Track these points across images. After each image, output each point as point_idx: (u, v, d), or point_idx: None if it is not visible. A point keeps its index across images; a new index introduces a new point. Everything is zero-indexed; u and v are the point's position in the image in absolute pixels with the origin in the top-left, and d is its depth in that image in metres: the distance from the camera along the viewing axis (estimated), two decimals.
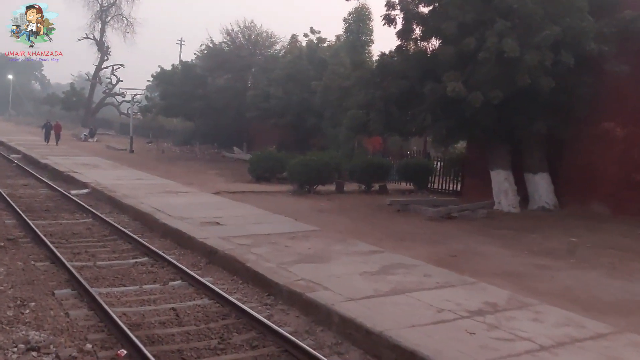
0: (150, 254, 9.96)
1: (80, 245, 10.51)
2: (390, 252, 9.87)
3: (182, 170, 24.21)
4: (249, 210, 14.04)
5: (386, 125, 15.18)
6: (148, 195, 15.61)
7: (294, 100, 25.43)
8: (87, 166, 23.60)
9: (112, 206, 14.84)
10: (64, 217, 13.25)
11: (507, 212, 15.05)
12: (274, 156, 20.89)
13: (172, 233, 11.31)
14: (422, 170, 20.21)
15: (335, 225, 12.41)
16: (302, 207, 15.20)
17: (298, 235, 10.98)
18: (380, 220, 13.55)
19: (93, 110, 58.29)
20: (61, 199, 15.83)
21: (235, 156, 31.76)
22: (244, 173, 24.06)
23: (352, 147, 23.24)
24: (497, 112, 13.62)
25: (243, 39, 33.66)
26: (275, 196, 17.34)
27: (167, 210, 13.13)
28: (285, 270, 8.27)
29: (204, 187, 18.30)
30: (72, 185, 18.61)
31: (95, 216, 13.32)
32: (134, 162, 26.84)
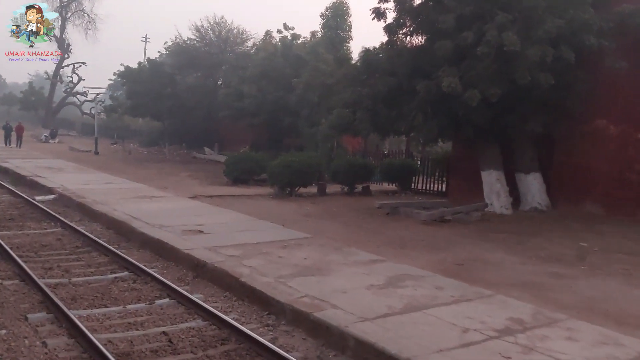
0: (130, 267, 9.15)
1: (52, 258, 9.62)
2: (392, 261, 9.28)
3: (153, 173, 23.26)
4: (232, 216, 13.29)
5: (373, 124, 14.60)
6: (121, 201, 14.71)
7: (269, 99, 24.68)
8: (51, 169, 22.43)
9: (82, 213, 13.89)
10: (30, 227, 12.28)
11: (499, 214, 14.64)
12: (252, 157, 20.15)
13: (151, 243, 10.50)
14: (406, 171, 19.73)
15: (327, 232, 11.77)
16: (286, 212, 14.51)
17: (290, 244, 10.30)
18: (373, 225, 12.97)
19: (54, 110, 56.42)
20: (26, 206, 14.80)
21: (207, 157, 30.84)
22: (218, 175, 23.25)
23: (331, 147, 22.63)
24: (490, 110, 13.17)
25: (213, 35, 32.70)
26: (256, 200, 16.62)
27: (143, 218, 12.29)
28: (285, 286, 7.59)
29: (179, 191, 17.45)
30: (36, 191, 17.52)
31: (65, 225, 12.38)
32: (100, 165, 25.72)
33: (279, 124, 25.37)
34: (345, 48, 22.94)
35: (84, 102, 54.66)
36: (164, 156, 32.40)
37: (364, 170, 18.74)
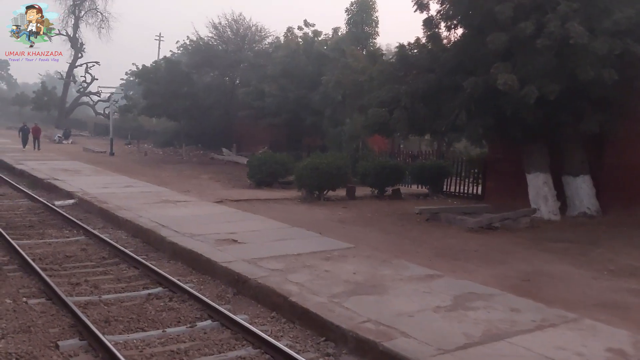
0: (163, 282, 8.44)
1: (78, 272, 8.94)
2: (449, 276, 8.50)
3: (172, 175, 22.59)
4: (264, 223, 12.56)
5: (411, 124, 13.80)
6: (144, 207, 14.03)
7: (291, 98, 23.93)
8: (68, 172, 21.86)
9: (105, 220, 13.23)
10: (51, 235, 11.63)
11: (547, 220, 13.79)
12: (276, 159, 19.40)
13: (183, 254, 9.79)
14: (438, 173, 18.91)
15: (368, 241, 11.00)
16: (319, 218, 13.77)
17: (333, 255, 9.54)
18: (415, 232, 12.18)
19: (67, 110, 55.98)
20: (45, 212, 14.17)
21: (225, 158, 30.14)
22: (240, 177, 22.57)
23: (356, 147, 21.85)
24: (542, 108, 12.32)
25: (231, 33, 31.96)
26: (285, 204, 15.87)
27: (171, 225, 11.59)
28: (341, 307, 6.83)
29: (203, 195, 16.75)
30: (54, 195, 16.91)
31: (88, 233, 11.72)
32: (117, 167, 25.10)
33: (301, 124, 24.62)
34: (371, 44, 22.15)
35: (98, 102, 54.20)
36: (180, 157, 31.73)
37: (395, 172, 17.94)
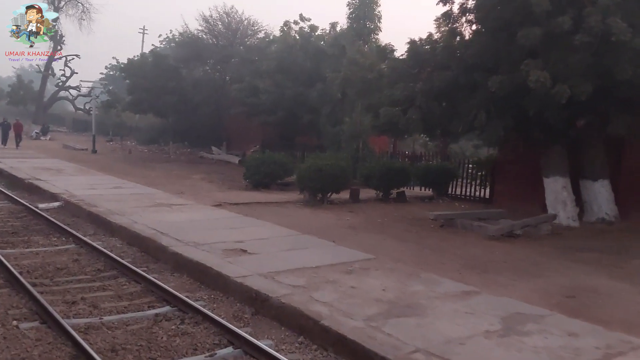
0: (170, 299, 7.64)
1: (72, 287, 8.11)
2: (486, 292, 7.83)
3: (162, 175, 21.69)
4: (271, 229, 11.78)
5: (425, 124, 13.13)
6: (138, 210, 13.18)
7: (287, 95, 23.13)
8: (50, 171, 20.83)
9: (95, 226, 12.35)
10: (38, 243, 10.74)
11: (566, 226, 13.23)
12: (275, 160, 18.62)
13: (189, 266, 8.99)
14: (444, 175, 18.27)
15: (387, 250, 10.30)
16: (327, 223, 13.05)
17: (355, 268, 8.82)
18: (433, 240, 11.51)
19: (45, 105, 54.49)
20: (28, 216, 13.24)
21: (216, 157, 29.26)
22: (233, 177, 21.76)
23: (357, 148, 21.15)
24: (566, 109, 11.72)
25: (222, 26, 31.02)
26: (287, 208, 15.12)
27: (171, 232, 10.77)
28: (382, 332, 6.11)
29: (199, 198, 15.92)
30: (37, 197, 15.95)
31: (79, 240, 10.85)
32: (102, 165, 24.11)
33: (297, 122, 23.84)
34: (373, 40, 21.42)
35: (77, 96, 52.80)
36: (167, 156, 30.76)
37: (401, 174, 17.26)
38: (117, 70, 63.00)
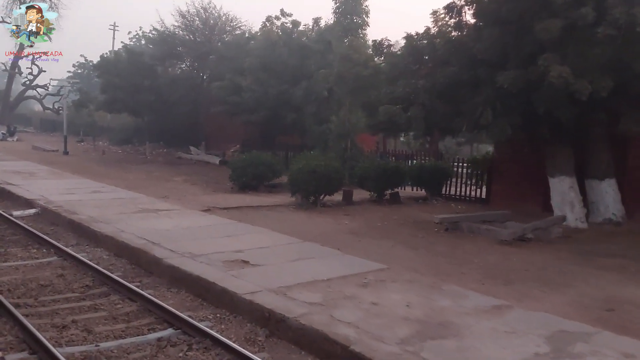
0: (172, 320, 6.89)
1: (60, 308, 7.29)
2: (519, 306, 7.26)
3: (141, 178, 20.74)
4: (269, 236, 11.07)
5: (427, 122, 12.54)
6: (123, 217, 12.33)
7: (271, 93, 22.35)
8: (21, 174, 19.72)
9: (77, 235, 11.47)
10: (16, 256, 9.85)
11: (574, 228, 12.78)
12: (263, 160, 17.86)
13: (187, 280, 8.23)
14: (438, 175, 17.74)
15: (398, 259, 9.68)
16: (325, 228, 12.38)
17: (370, 280, 8.17)
18: (443, 247, 10.92)
19: (11, 105, 52.63)
20: (3, 225, 12.28)
21: (194, 157, 28.32)
22: (216, 179, 20.95)
23: (345, 147, 20.49)
24: (577, 106, 11.24)
25: (200, 22, 30.04)
26: (280, 212, 14.40)
27: (163, 242, 9.98)
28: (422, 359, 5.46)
29: (185, 202, 15.09)
30: (10, 203, 14.95)
31: (61, 252, 10.01)
32: (75, 168, 23.01)
33: (281, 121, 23.09)
34: (361, 35, 20.77)
35: (46, 95, 51.10)
36: (144, 156, 29.67)
37: (396, 175, 16.65)
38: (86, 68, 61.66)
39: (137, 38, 61.00)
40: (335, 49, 21.47)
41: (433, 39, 13.59)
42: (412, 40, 13.63)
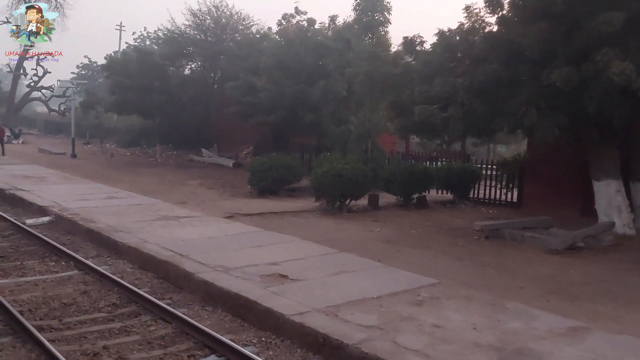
0: (213, 345, 6.27)
1: (88, 331, 6.65)
2: (598, 329, 6.57)
3: (155, 182, 20.08)
4: (301, 246, 10.41)
5: (466, 122, 11.85)
6: (143, 226, 11.68)
7: (288, 93, 21.67)
8: (31, 179, 19.11)
9: (97, 245, 10.83)
10: (34, 269, 9.23)
11: (622, 235, 12.08)
12: (284, 163, 17.19)
13: (224, 298, 7.58)
14: (467, 178, 17.05)
15: (446, 271, 9.01)
16: (359, 237, 11.72)
17: (424, 297, 7.50)
18: (488, 257, 10.25)
19: (16, 106, 52.08)
20: (16, 234, 11.67)
21: (207, 160, 27.64)
22: (232, 182, 20.30)
23: (365, 149, 19.82)
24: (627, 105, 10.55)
25: (211, 21, 29.37)
26: (306, 218, 13.75)
27: (192, 254, 9.33)
28: None
29: (205, 208, 14.44)
30: (22, 210, 14.35)
31: (81, 264, 9.39)
32: (85, 171, 22.38)
33: (298, 122, 22.39)
34: (382, 32, 20.06)
35: (51, 97, 50.52)
36: (154, 159, 29.03)
37: (424, 178, 15.96)
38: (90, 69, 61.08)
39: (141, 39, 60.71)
40: (355, 47, 20.80)
41: (467, 35, 12.91)
42: (446, 37, 12.95)
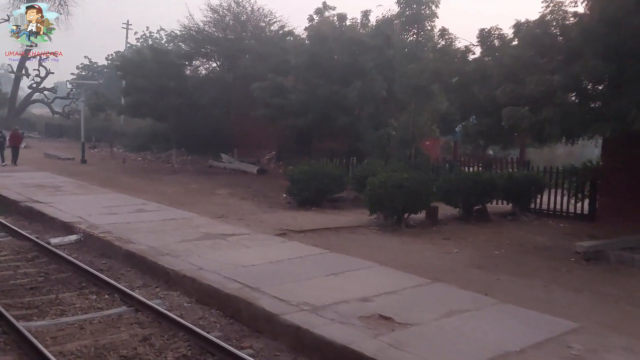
0: None
1: None
2: None
3: (181, 191, 18.60)
4: (383, 274, 8.95)
5: (563, 125, 10.39)
6: (189, 247, 10.24)
7: (321, 94, 20.23)
8: (45, 189, 17.66)
9: (139, 271, 9.40)
10: (74, 305, 7.78)
11: None
12: (328, 172, 15.73)
13: (323, 350, 6.13)
14: (530, 187, 15.60)
15: (576, 309, 7.60)
16: (437, 260, 10.31)
17: (578, 351, 6.07)
18: (611, 287, 8.80)
19: (17, 109, 50.60)
20: (42, 257, 10.24)
21: (228, 166, 26.16)
22: (265, 192, 18.91)
23: (409, 155, 18.38)
24: None
25: (232, 17, 27.90)
26: (365, 235, 12.32)
27: (261, 285, 7.90)
28: None
29: (249, 223, 13.00)
30: (42, 226, 12.92)
31: (129, 298, 7.97)
32: (102, 179, 20.93)
33: (330, 125, 20.94)
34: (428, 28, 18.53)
35: (54, 99, 49.03)
36: (170, 165, 27.52)
37: (490, 187, 14.51)
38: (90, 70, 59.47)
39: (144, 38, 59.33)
40: (396, 44, 19.39)
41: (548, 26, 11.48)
42: (530, 29, 11.51)
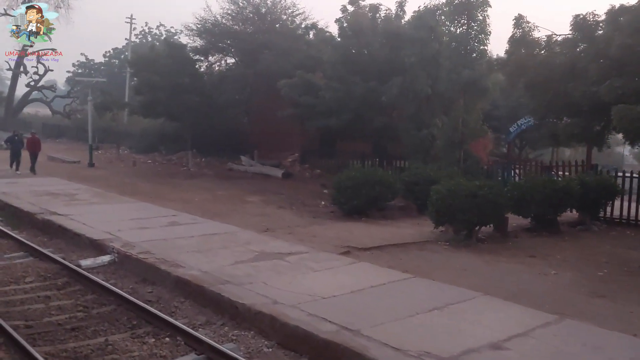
0: None
1: None
2: None
3: (208, 198, 17.22)
4: (495, 308, 7.61)
5: None
6: (248, 270, 8.91)
7: (356, 93, 18.88)
8: (59, 197, 16.27)
9: (196, 302, 8.04)
10: (130, 351, 6.45)
11: None
12: (380, 179, 14.37)
13: None
14: (604, 193, 14.27)
15: None
16: (543, 285, 9.05)
17: None
18: None
19: (15, 108, 49.04)
20: (75, 284, 8.88)
21: (249, 169, 24.77)
22: (299, 198, 17.77)
23: (458, 157, 17.09)
24: None
25: (252, 9, 26.52)
26: (437, 252, 11.02)
27: (361, 326, 6.58)
28: None
29: (302, 238, 11.68)
30: (65, 243, 11.54)
31: (195, 341, 6.61)
32: (117, 185, 19.55)
33: (365, 126, 19.59)
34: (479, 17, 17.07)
35: (54, 98, 47.50)
36: (186, 168, 26.10)
37: (567, 196, 13.15)
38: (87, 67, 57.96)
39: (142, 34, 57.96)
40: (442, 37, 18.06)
41: None
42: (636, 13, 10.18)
